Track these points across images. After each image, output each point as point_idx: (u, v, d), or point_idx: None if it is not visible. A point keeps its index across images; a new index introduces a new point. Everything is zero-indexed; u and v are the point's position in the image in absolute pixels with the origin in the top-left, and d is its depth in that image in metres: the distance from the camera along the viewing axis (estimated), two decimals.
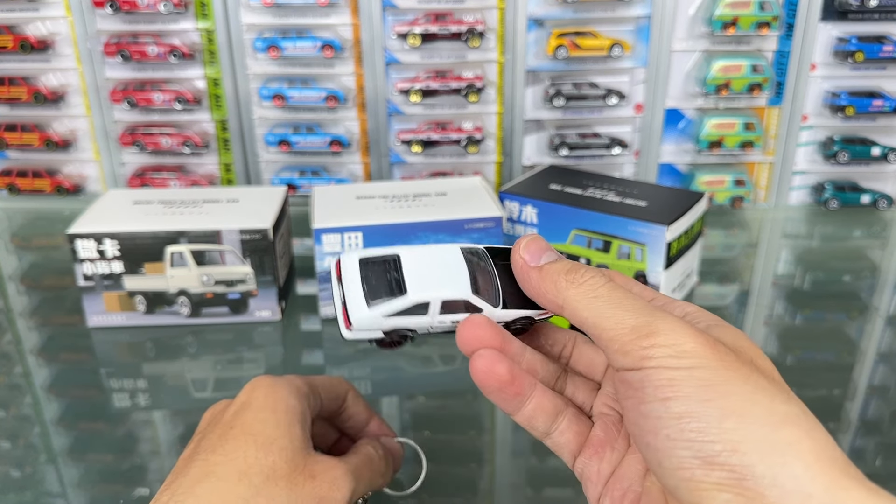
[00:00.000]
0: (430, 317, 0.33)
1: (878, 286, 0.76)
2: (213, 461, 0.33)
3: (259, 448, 0.34)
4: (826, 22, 0.87)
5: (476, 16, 0.87)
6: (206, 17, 0.87)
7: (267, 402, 0.36)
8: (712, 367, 0.26)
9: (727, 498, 0.24)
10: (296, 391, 0.37)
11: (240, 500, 0.32)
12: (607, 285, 0.30)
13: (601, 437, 0.33)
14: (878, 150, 0.92)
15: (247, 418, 0.35)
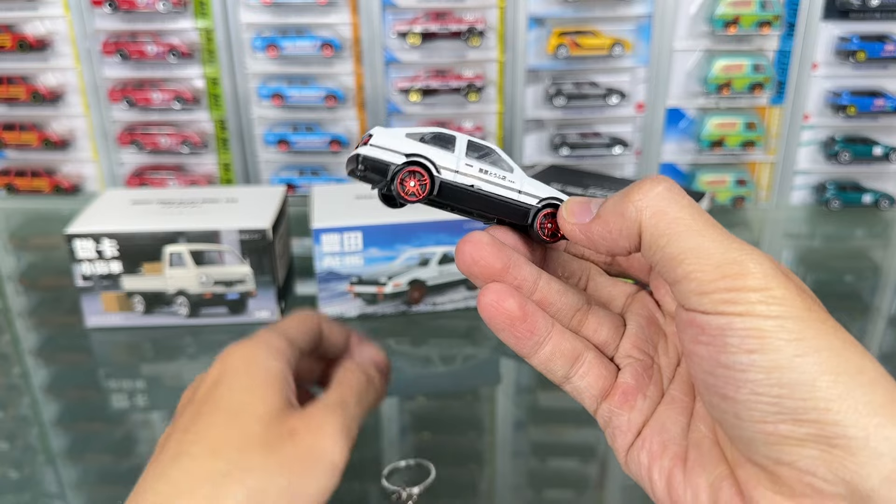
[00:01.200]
0: (457, 156, 0.29)
1: (880, 286, 0.75)
2: (186, 441, 0.31)
3: (231, 419, 0.31)
4: (828, 21, 0.87)
5: (476, 14, 0.87)
6: (205, 16, 0.87)
7: (240, 369, 0.33)
8: (803, 318, 0.24)
9: (813, 454, 0.23)
10: (273, 351, 0.34)
11: (214, 476, 0.29)
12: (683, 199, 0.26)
13: (631, 385, 0.30)
14: (880, 150, 0.91)
15: (220, 391, 0.32)
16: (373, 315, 0.67)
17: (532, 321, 0.29)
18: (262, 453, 0.30)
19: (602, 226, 0.28)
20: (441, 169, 0.29)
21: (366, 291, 0.66)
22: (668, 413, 0.29)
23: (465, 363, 0.62)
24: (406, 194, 0.29)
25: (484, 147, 0.30)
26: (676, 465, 0.28)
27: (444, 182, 0.29)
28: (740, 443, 0.25)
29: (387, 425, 0.54)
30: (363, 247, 0.64)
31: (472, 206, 0.30)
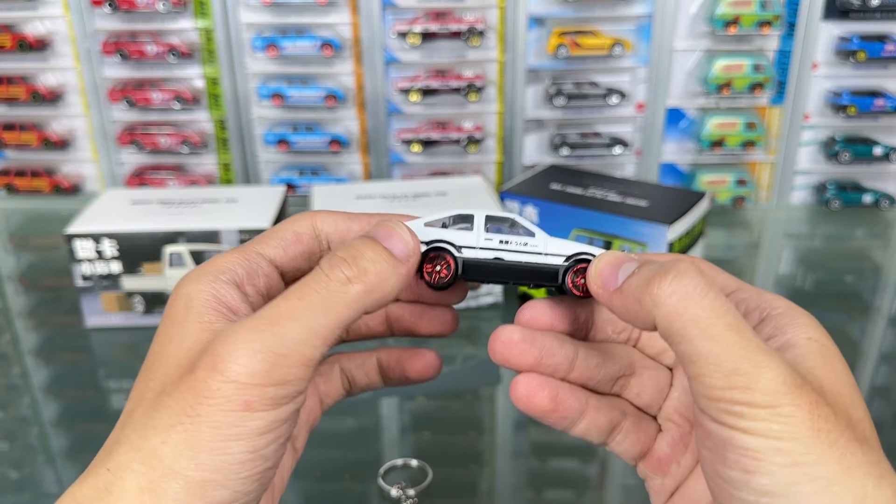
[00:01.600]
0: (476, 233, 0.29)
1: (880, 286, 0.75)
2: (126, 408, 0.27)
3: (144, 373, 0.26)
4: (828, 21, 0.87)
5: (476, 14, 0.87)
6: (205, 16, 0.87)
7: (167, 310, 0.27)
8: (805, 440, 0.23)
9: None
10: (200, 272, 0.28)
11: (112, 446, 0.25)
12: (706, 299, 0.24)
13: (666, 453, 0.30)
14: (881, 150, 0.91)
15: (153, 341, 0.28)
16: None
17: (564, 407, 0.29)
18: (157, 405, 0.24)
19: (622, 302, 0.26)
20: (462, 248, 0.29)
21: None
22: (698, 484, 0.29)
23: (465, 363, 0.62)
24: (436, 280, 0.29)
25: (503, 218, 0.30)
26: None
27: (468, 261, 0.29)
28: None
29: (386, 425, 0.54)
30: None
31: (502, 277, 0.30)
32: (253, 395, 0.23)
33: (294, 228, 0.30)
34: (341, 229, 0.31)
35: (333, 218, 0.31)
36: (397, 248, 0.27)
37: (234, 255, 0.29)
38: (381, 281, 0.26)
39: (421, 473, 0.48)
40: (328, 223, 0.31)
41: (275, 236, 0.30)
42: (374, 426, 0.54)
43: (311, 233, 0.30)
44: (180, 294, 0.27)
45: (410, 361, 0.34)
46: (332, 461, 0.50)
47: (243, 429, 0.23)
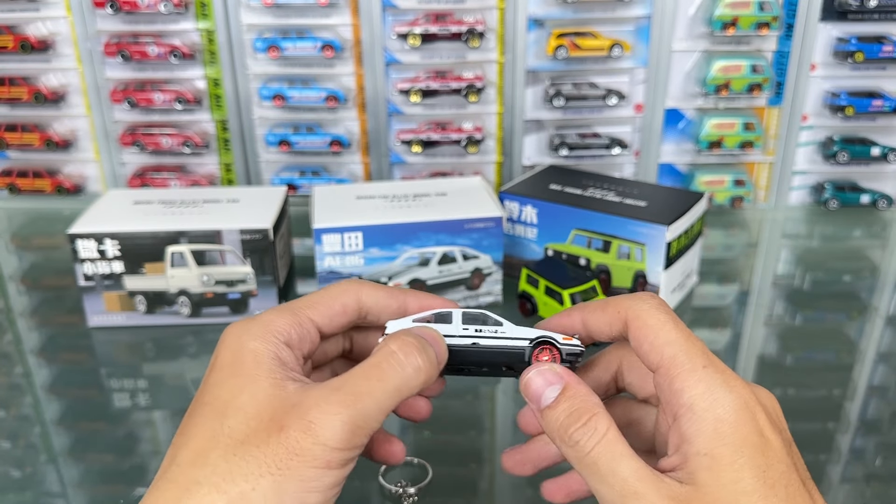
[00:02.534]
0: (455, 325, 0.35)
1: (878, 286, 0.76)
2: (176, 445, 0.29)
3: (215, 418, 0.29)
4: (826, 22, 0.87)
5: (476, 16, 0.87)
6: (207, 18, 0.87)
7: (227, 358, 0.31)
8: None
9: None
10: (266, 331, 0.31)
11: (191, 486, 0.27)
12: (594, 451, 0.29)
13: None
14: (878, 150, 0.92)
15: (208, 386, 0.30)
16: None
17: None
18: (243, 454, 0.27)
19: (544, 426, 0.32)
20: (446, 337, 0.34)
21: None
22: None
23: None
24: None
25: (476, 314, 0.35)
26: None
27: (450, 347, 0.34)
28: None
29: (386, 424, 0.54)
30: (364, 247, 0.65)
31: (480, 361, 0.35)
32: (335, 456, 0.28)
33: (342, 300, 0.35)
34: (381, 305, 0.36)
35: (377, 294, 0.36)
36: (440, 353, 0.33)
37: (288, 318, 0.32)
38: (433, 375, 0.32)
39: (421, 472, 0.48)
40: (371, 298, 0.35)
41: (324, 304, 0.34)
42: None
43: (356, 306, 0.35)
44: (246, 349, 0.30)
45: (380, 444, 0.37)
46: None
47: (321, 483, 0.28)
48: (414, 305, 0.36)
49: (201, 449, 0.28)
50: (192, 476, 0.27)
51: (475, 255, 0.67)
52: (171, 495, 0.27)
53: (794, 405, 0.56)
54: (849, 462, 0.50)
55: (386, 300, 0.36)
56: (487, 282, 0.68)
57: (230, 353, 0.31)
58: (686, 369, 0.29)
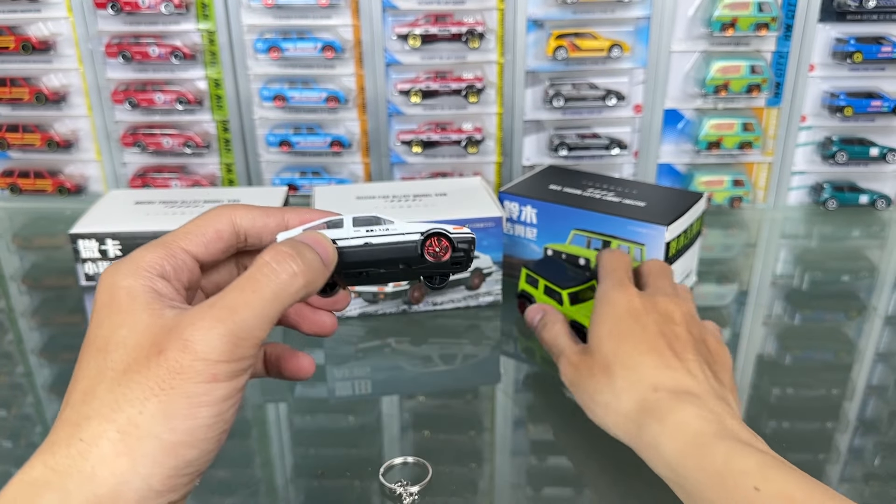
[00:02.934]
0: (346, 229, 0.35)
1: (877, 286, 0.76)
2: (69, 389, 0.30)
3: (99, 357, 0.29)
4: (824, 23, 0.88)
5: (476, 17, 0.87)
6: (208, 18, 0.87)
7: (103, 297, 0.31)
8: (580, 389, 0.48)
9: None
10: (134, 268, 0.31)
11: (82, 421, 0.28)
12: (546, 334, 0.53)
13: None
14: (877, 151, 0.92)
15: (91, 326, 0.31)
16: (373, 314, 0.68)
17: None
18: (127, 382, 0.28)
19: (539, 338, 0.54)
20: (337, 240, 0.34)
21: (366, 290, 0.67)
22: None
23: (464, 362, 0.63)
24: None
25: (367, 217, 0.36)
26: None
27: (343, 248, 0.34)
28: None
29: (386, 423, 0.55)
30: None
31: (374, 261, 0.35)
32: (219, 370, 0.28)
33: (215, 226, 0.34)
34: (258, 225, 0.35)
35: (251, 214, 0.35)
36: (325, 254, 0.33)
37: (159, 251, 0.32)
38: (315, 278, 0.31)
39: (421, 471, 0.49)
40: (246, 219, 0.35)
41: (196, 232, 0.34)
42: (374, 424, 0.55)
43: (231, 230, 0.34)
44: (120, 287, 0.30)
45: (288, 360, 0.37)
46: (333, 459, 0.50)
47: (211, 397, 0.28)
48: (294, 221, 0.36)
49: (88, 387, 0.28)
50: (82, 412, 0.28)
51: (475, 255, 0.67)
52: (64, 434, 0.28)
53: (793, 405, 0.57)
54: (847, 462, 0.50)
55: (263, 219, 0.35)
56: (487, 282, 0.69)
57: (106, 294, 0.31)
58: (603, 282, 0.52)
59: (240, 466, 0.50)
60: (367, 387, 0.59)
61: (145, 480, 0.27)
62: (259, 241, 0.35)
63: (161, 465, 0.27)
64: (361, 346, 0.64)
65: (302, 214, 0.36)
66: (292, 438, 0.53)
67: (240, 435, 0.53)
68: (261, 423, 0.55)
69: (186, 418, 0.27)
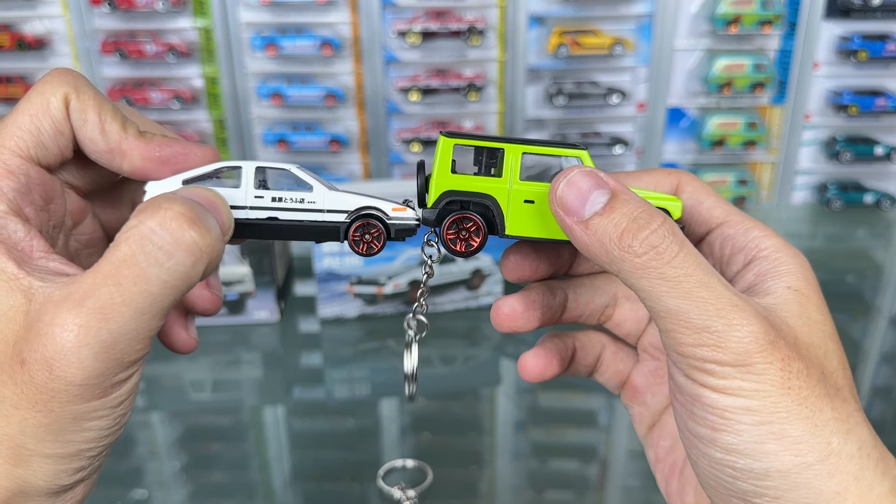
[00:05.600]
0: (244, 190, 0.26)
1: (882, 286, 0.75)
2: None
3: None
4: (829, 20, 0.87)
5: (476, 14, 0.87)
6: (204, 15, 0.87)
7: None
8: (774, 398, 0.23)
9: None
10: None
11: None
12: (677, 258, 0.23)
13: (641, 384, 0.32)
14: (882, 150, 0.91)
15: None
16: (373, 315, 0.67)
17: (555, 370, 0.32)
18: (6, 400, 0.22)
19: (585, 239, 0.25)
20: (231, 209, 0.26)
21: (365, 292, 0.66)
22: (672, 420, 0.30)
23: (465, 364, 0.62)
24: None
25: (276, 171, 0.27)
26: (673, 475, 0.30)
27: (239, 221, 0.26)
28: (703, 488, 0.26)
29: (386, 426, 0.54)
30: None
31: (280, 236, 0.27)
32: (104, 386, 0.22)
33: (50, 115, 0.25)
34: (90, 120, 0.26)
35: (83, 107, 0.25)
36: (223, 223, 0.25)
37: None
38: (215, 254, 0.24)
39: (421, 474, 0.48)
40: (78, 112, 0.25)
41: (29, 128, 0.25)
42: (374, 427, 0.54)
43: (65, 116, 0.25)
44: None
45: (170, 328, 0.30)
46: (332, 462, 0.50)
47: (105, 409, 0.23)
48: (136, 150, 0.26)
49: None
50: None
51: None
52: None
53: None
54: None
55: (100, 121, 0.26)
56: (488, 282, 0.68)
57: None
58: (759, 225, 0.28)
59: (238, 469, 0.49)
60: (368, 388, 0.59)
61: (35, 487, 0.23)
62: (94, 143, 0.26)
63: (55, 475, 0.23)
64: (360, 347, 0.64)
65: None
66: (290, 441, 0.53)
67: (237, 437, 0.53)
68: (258, 426, 0.54)
69: (80, 432, 0.23)
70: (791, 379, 0.23)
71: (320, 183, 0.27)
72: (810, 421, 0.23)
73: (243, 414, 0.55)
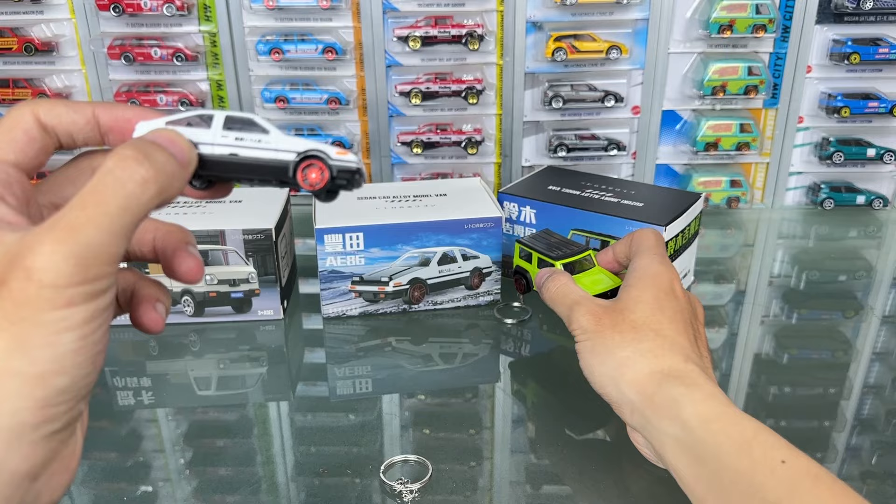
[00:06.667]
0: (213, 131, 0.31)
1: (874, 286, 0.76)
2: None
3: None
4: (822, 24, 0.88)
5: (476, 19, 0.88)
6: (210, 21, 0.88)
7: None
8: (598, 337, 0.46)
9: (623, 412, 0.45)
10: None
11: None
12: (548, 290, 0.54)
13: None
14: (874, 152, 0.92)
15: None
16: (374, 313, 0.68)
17: None
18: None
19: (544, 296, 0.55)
20: (199, 144, 0.30)
21: (367, 290, 0.67)
22: None
23: (464, 361, 0.63)
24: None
25: (241, 118, 0.31)
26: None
27: (205, 156, 0.30)
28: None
29: (387, 421, 0.55)
30: (365, 246, 0.65)
31: (240, 173, 0.31)
32: (72, 294, 0.25)
33: (21, 126, 0.30)
34: (65, 121, 0.31)
35: (56, 109, 0.30)
36: (180, 155, 0.29)
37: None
38: (171, 182, 0.28)
39: (422, 469, 0.49)
40: (50, 115, 0.30)
41: (6, 138, 0.29)
42: (375, 423, 0.55)
43: (37, 127, 0.30)
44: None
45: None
46: (334, 457, 0.51)
47: (71, 321, 0.25)
48: (105, 117, 0.31)
49: None
50: None
51: (475, 255, 0.68)
52: None
53: (790, 403, 0.57)
54: (845, 460, 0.51)
55: (70, 115, 0.31)
56: (487, 281, 0.69)
57: None
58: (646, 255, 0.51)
59: (242, 464, 0.50)
60: (368, 385, 0.60)
61: (14, 416, 0.25)
62: (72, 141, 0.31)
63: (28, 398, 0.25)
64: (362, 345, 0.65)
65: (115, 111, 0.31)
66: (293, 437, 0.54)
67: (241, 433, 0.54)
68: (262, 422, 0.55)
69: (46, 347, 0.25)
70: (605, 328, 0.47)
71: (278, 130, 0.32)
72: (620, 348, 0.45)
73: (247, 409, 0.56)
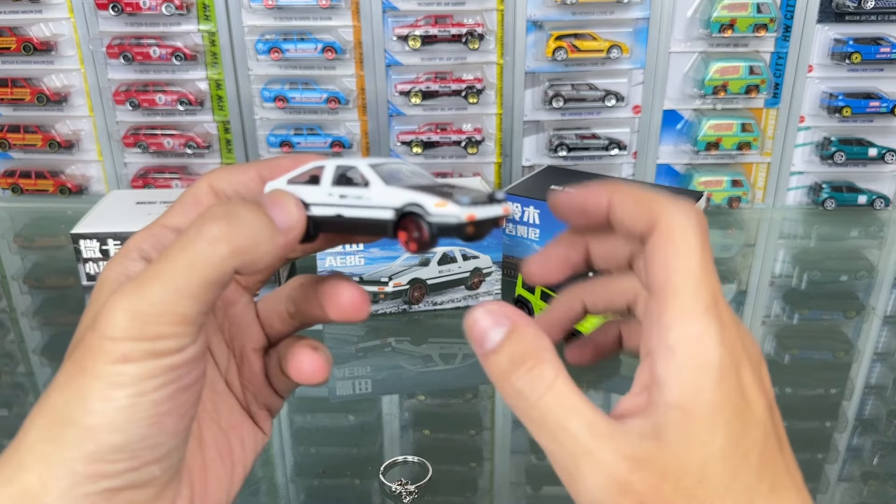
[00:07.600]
0: (323, 188, 0.28)
1: (875, 286, 0.76)
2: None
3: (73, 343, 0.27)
4: (823, 24, 0.88)
5: (476, 18, 0.88)
6: (209, 20, 0.88)
7: (91, 294, 0.29)
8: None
9: None
10: (119, 255, 0.29)
11: (29, 415, 0.26)
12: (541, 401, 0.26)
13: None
14: (875, 151, 0.92)
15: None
16: (374, 314, 0.68)
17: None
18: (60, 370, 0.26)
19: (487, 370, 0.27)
20: (310, 206, 0.28)
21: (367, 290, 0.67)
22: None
23: (464, 361, 0.63)
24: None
25: (344, 169, 0.28)
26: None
27: (314, 218, 0.28)
28: None
29: (387, 422, 0.55)
30: (364, 246, 0.65)
31: (346, 232, 0.29)
32: (129, 349, 0.25)
33: (193, 193, 0.30)
34: (234, 182, 0.30)
35: (226, 174, 0.30)
36: (280, 217, 0.27)
37: (141, 234, 0.29)
38: (252, 244, 0.26)
39: (421, 470, 0.49)
40: (221, 180, 0.30)
41: (176, 206, 0.30)
42: (375, 423, 0.55)
43: (209, 192, 0.30)
44: (101, 278, 0.29)
45: (295, 360, 0.31)
46: (334, 458, 0.51)
47: (126, 377, 0.25)
48: (267, 173, 0.30)
49: (59, 373, 0.27)
50: (50, 400, 0.26)
51: (475, 254, 0.68)
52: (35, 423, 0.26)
53: (792, 404, 0.57)
54: (846, 461, 0.51)
55: (238, 176, 0.30)
56: (487, 281, 0.69)
57: (95, 287, 0.29)
58: (685, 305, 0.24)
59: None
60: (368, 386, 0.60)
61: (66, 465, 0.25)
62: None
63: (79, 449, 0.25)
64: (362, 345, 0.65)
65: (272, 163, 0.30)
66: (293, 437, 0.54)
67: None
68: None
69: (101, 400, 0.25)
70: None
71: (378, 179, 0.27)
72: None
73: None
